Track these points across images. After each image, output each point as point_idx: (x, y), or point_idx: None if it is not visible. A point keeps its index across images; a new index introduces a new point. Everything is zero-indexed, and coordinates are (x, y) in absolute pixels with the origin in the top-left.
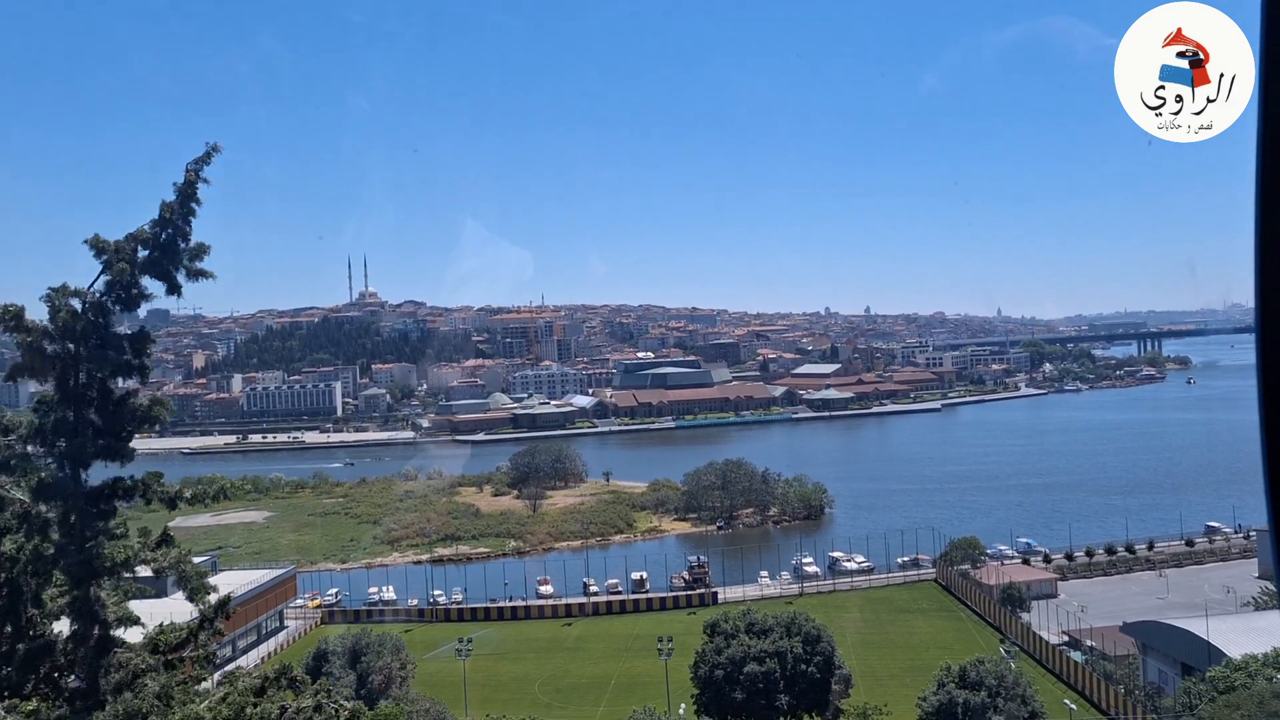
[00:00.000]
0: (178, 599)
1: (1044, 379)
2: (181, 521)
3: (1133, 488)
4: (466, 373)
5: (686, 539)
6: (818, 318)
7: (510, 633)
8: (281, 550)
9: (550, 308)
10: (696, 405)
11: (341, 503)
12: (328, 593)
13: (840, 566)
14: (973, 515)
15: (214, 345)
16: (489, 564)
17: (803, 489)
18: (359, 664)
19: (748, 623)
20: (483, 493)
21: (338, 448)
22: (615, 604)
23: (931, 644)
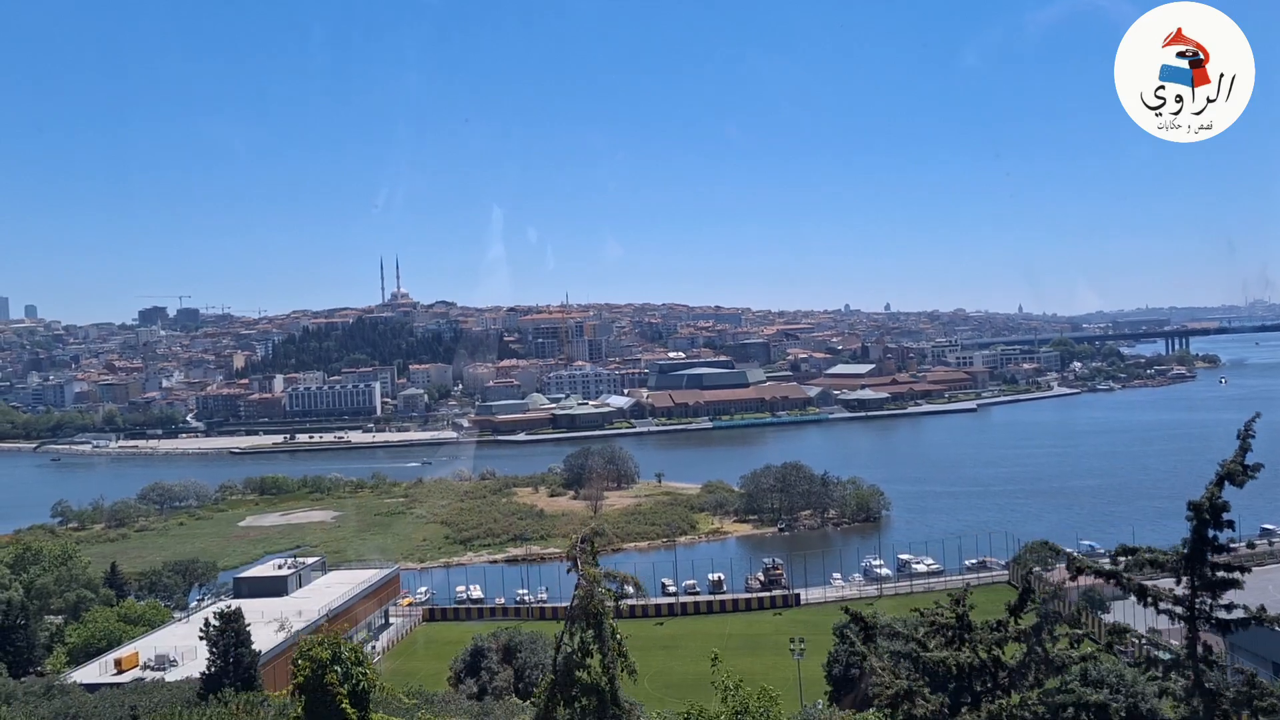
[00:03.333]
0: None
1: (1075, 378)
2: (253, 520)
3: (1180, 491)
4: (501, 373)
5: (747, 540)
6: (840, 315)
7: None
8: (358, 550)
9: (577, 307)
10: (733, 406)
11: (403, 502)
12: (418, 591)
13: (910, 568)
14: (1024, 519)
15: (253, 346)
16: (559, 564)
17: (860, 491)
18: (514, 660)
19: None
20: (538, 493)
21: (381, 447)
22: (702, 605)
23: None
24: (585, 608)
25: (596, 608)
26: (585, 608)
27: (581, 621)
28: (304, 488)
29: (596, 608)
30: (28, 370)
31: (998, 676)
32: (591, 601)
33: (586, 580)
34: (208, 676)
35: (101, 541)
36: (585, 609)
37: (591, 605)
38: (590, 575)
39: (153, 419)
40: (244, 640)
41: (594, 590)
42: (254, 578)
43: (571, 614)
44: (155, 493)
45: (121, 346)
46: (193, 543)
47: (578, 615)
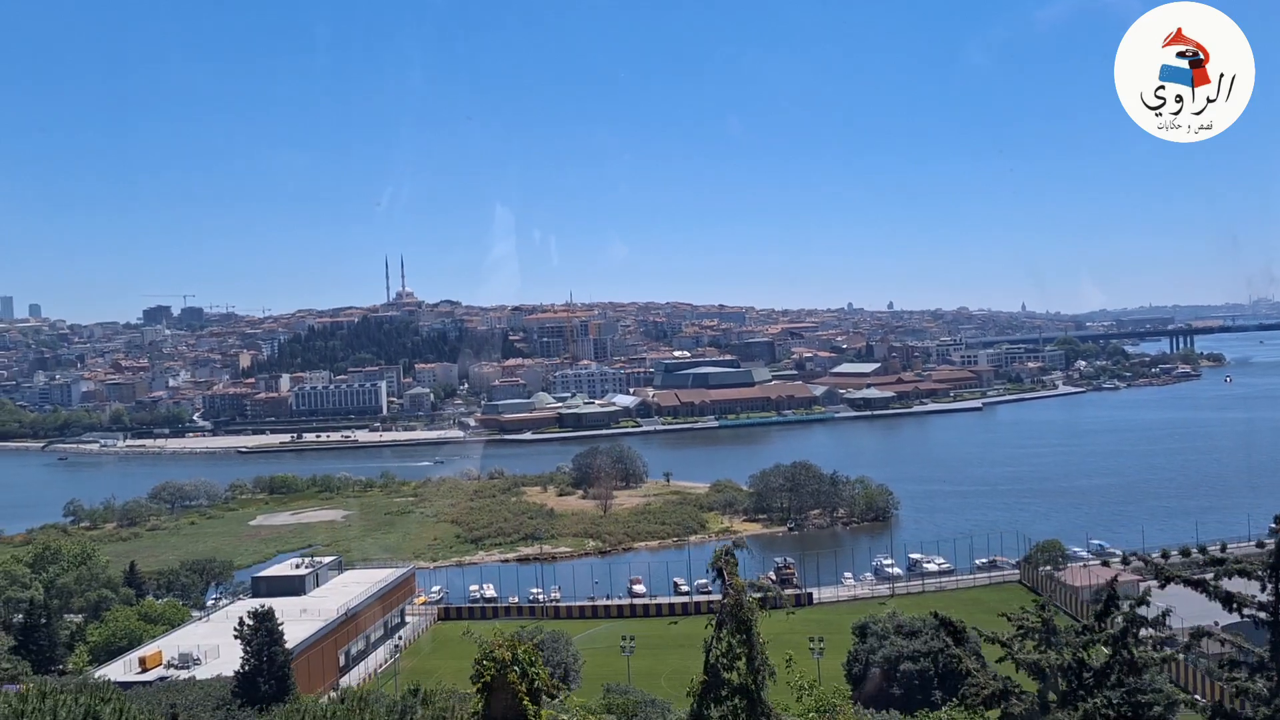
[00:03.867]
0: (315, 596)
1: (1080, 377)
2: (264, 519)
3: (1189, 490)
4: (506, 372)
5: (757, 540)
6: (844, 314)
7: (619, 630)
8: (369, 549)
9: (581, 305)
10: (739, 405)
11: (412, 501)
12: (431, 590)
13: (921, 568)
14: (1033, 519)
15: (258, 345)
16: (572, 563)
17: (869, 491)
18: None
19: (895, 624)
20: (547, 492)
21: (388, 446)
22: (717, 604)
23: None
24: (735, 614)
25: (746, 615)
26: (735, 614)
27: (729, 626)
28: (313, 487)
29: (746, 615)
30: (33, 369)
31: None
32: (741, 610)
33: (734, 589)
34: (242, 675)
35: (114, 541)
36: (735, 615)
37: (741, 613)
38: (737, 584)
39: (159, 418)
40: (277, 639)
41: (742, 598)
42: (272, 577)
43: (720, 619)
44: (166, 492)
45: (127, 346)
46: (205, 542)
47: (726, 620)
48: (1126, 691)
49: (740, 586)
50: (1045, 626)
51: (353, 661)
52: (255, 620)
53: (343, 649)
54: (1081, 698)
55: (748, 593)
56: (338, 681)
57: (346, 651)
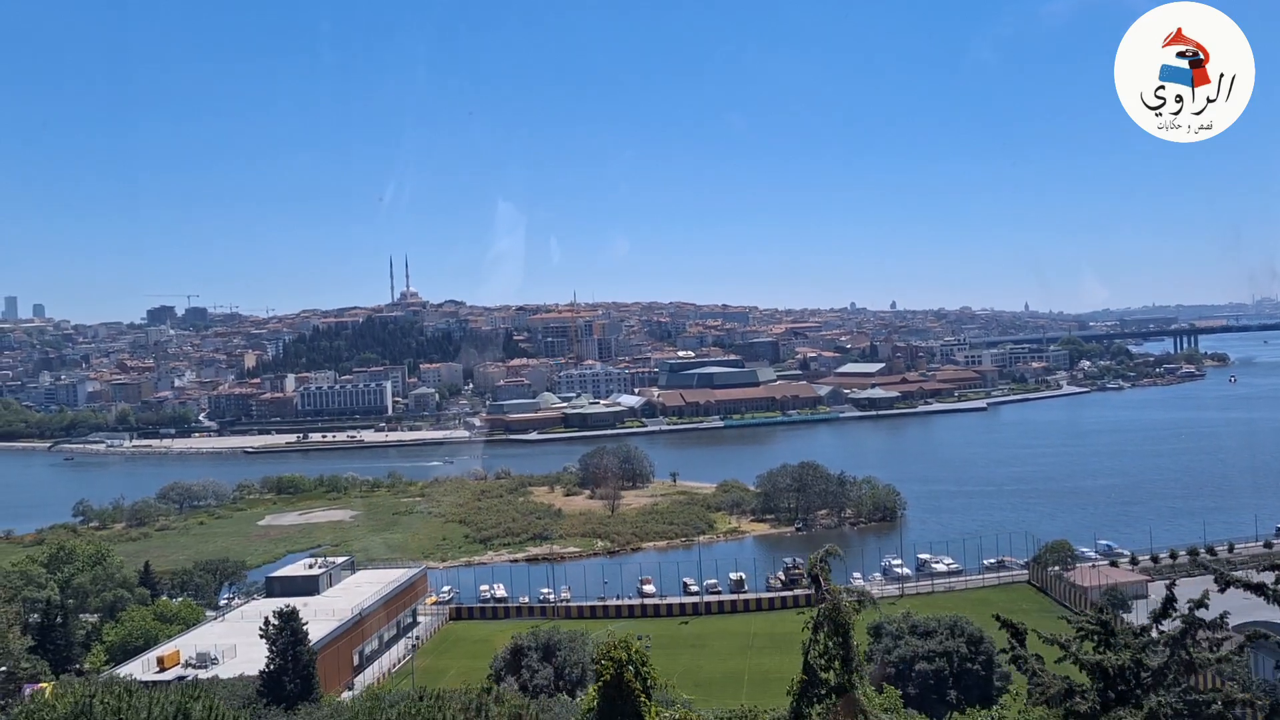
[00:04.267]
0: (329, 596)
1: (1084, 377)
2: (272, 520)
3: (1194, 490)
4: (511, 372)
5: (764, 540)
6: (847, 314)
7: (630, 629)
8: (378, 549)
9: (585, 305)
10: (743, 405)
11: (419, 501)
12: (441, 590)
13: (929, 568)
14: (1039, 519)
15: (263, 345)
16: (580, 563)
17: (876, 491)
18: (554, 658)
19: (910, 625)
20: (554, 492)
21: (393, 446)
22: (725, 604)
23: (1037, 644)
24: (833, 618)
25: (844, 619)
26: (833, 618)
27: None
28: (320, 487)
29: (844, 619)
30: (38, 369)
31: (1140, 677)
32: (839, 613)
33: (830, 593)
34: (268, 674)
35: (124, 541)
36: (832, 618)
37: (839, 616)
38: (833, 589)
39: (165, 418)
40: (301, 639)
41: (840, 602)
42: (286, 577)
43: (818, 622)
44: (175, 492)
45: (131, 346)
46: (214, 542)
47: (824, 623)
48: (1183, 691)
49: (836, 591)
50: (1104, 628)
51: (366, 661)
52: (280, 620)
53: (357, 648)
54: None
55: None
56: (352, 681)
57: (361, 651)
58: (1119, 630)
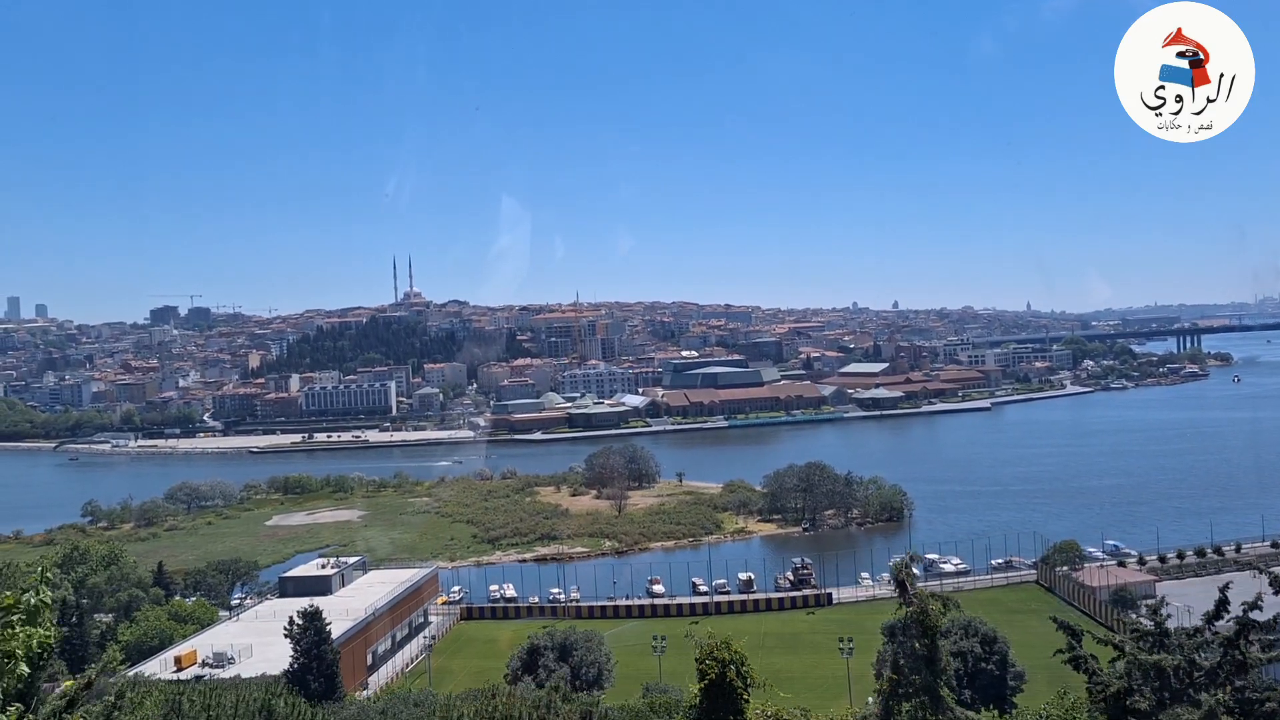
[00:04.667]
0: (342, 596)
1: (1088, 376)
2: (280, 520)
3: (1200, 490)
4: (515, 372)
5: (771, 540)
6: (849, 313)
7: (641, 629)
8: (386, 550)
9: (587, 305)
10: (747, 405)
11: (426, 501)
12: (451, 590)
13: (938, 568)
14: (1046, 519)
15: (267, 345)
16: (588, 563)
17: (883, 491)
18: (570, 658)
19: None
20: (560, 492)
21: (398, 446)
22: (735, 604)
23: (1051, 644)
24: (921, 621)
25: (931, 622)
26: (921, 621)
27: (914, 630)
28: (327, 487)
29: (931, 622)
30: (42, 369)
31: (1193, 676)
32: (927, 617)
33: (918, 598)
34: (292, 673)
35: (133, 541)
36: (920, 622)
37: (927, 620)
38: (920, 594)
39: (170, 418)
40: (325, 638)
41: (927, 607)
42: (299, 577)
43: (906, 625)
44: (183, 492)
45: (135, 346)
46: (223, 542)
47: (911, 626)
48: (1235, 689)
49: (923, 596)
50: (1159, 629)
51: (380, 660)
52: (304, 619)
53: (371, 648)
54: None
55: (931, 602)
56: (366, 680)
57: (374, 650)
58: (1173, 631)
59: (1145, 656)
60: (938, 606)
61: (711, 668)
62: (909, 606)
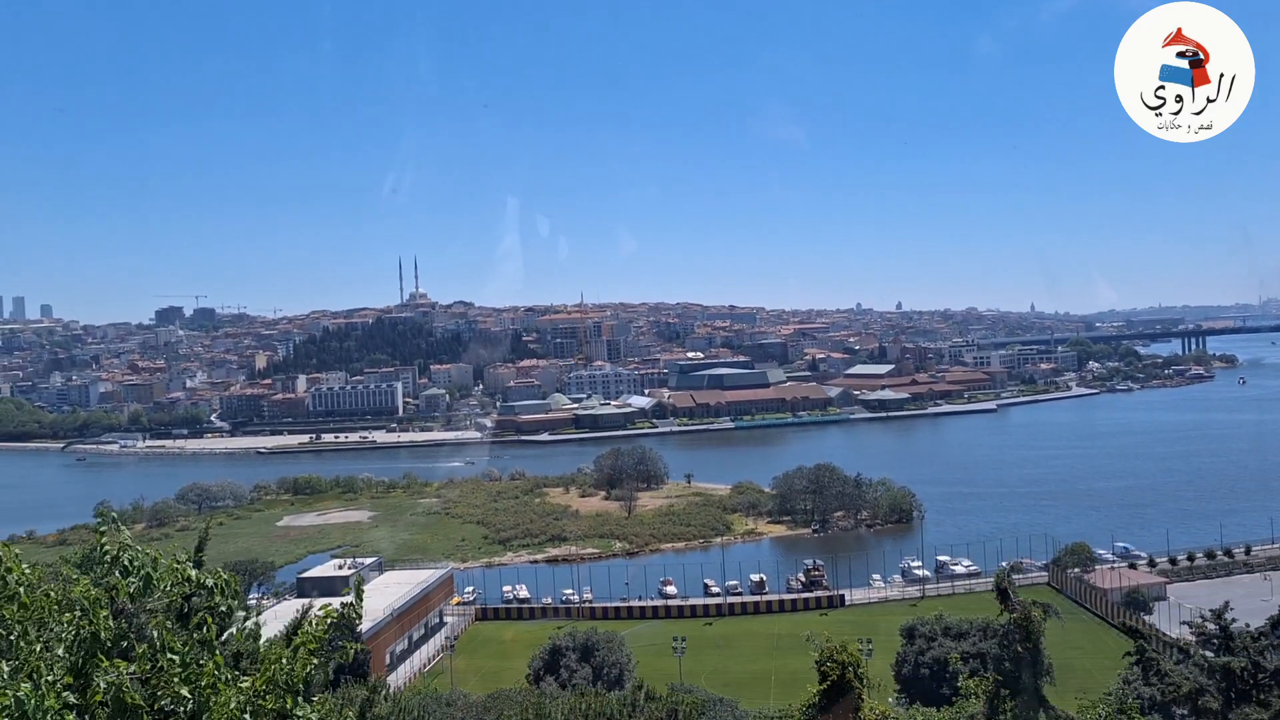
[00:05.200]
0: None
1: (1093, 378)
2: (290, 520)
3: (1207, 492)
4: (521, 373)
5: (781, 541)
6: (853, 315)
7: (655, 630)
8: (398, 550)
9: (592, 306)
10: (753, 406)
11: (435, 502)
12: (464, 591)
13: (949, 570)
14: (1054, 521)
15: (273, 346)
16: (598, 564)
17: (892, 493)
18: (592, 658)
19: (943, 626)
20: (569, 493)
21: (405, 447)
22: (748, 605)
23: (1065, 645)
24: (1024, 626)
25: (1035, 629)
26: (1024, 626)
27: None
28: (336, 488)
29: (1035, 629)
30: (49, 370)
31: (1258, 678)
32: (1030, 623)
33: (1021, 605)
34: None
35: (145, 541)
36: (1024, 627)
37: (1030, 626)
38: (1024, 602)
39: (178, 419)
40: (358, 638)
41: (1030, 613)
42: (317, 577)
43: (1009, 631)
44: (194, 493)
45: (141, 346)
46: (235, 543)
47: (1014, 631)
48: None
49: (1027, 603)
50: (1224, 633)
51: (397, 660)
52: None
53: (389, 648)
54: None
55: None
56: (385, 680)
57: (392, 651)
58: (1237, 634)
59: (1214, 659)
60: (1039, 614)
61: (833, 669)
62: (1012, 613)
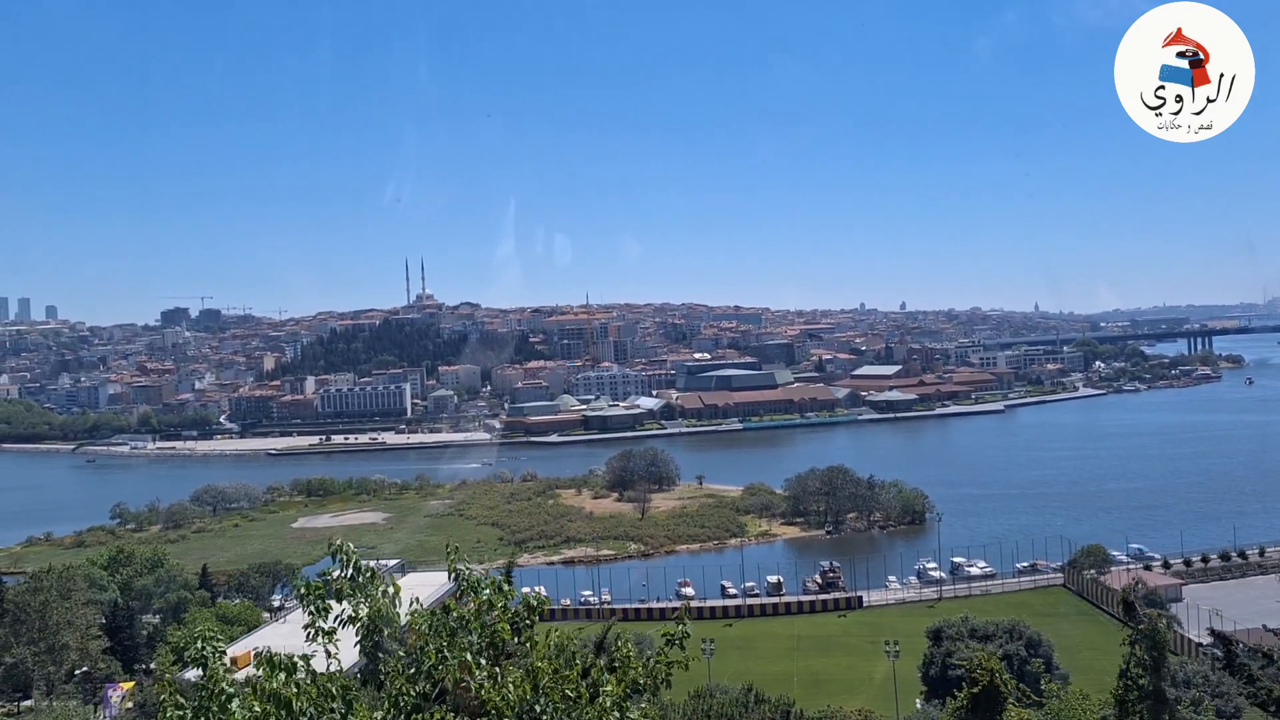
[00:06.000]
0: None
1: (1100, 379)
2: (305, 522)
3: (1218, 493)
4: (529, 374)
5: (794, 543)
6: (858, 315)
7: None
8: (413, 552)
9: (598, 307)
10: (761, 407)
11: (448, 504)
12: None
13: (963, 571)
14: (1066, 522)
15: (281, 347)
16: (616, 566)
17: (904, 494)
18: None
19: (969, 628)
20: (581, 495)
21: (415, 449)
22: (767, 606)
23: (1083, 646)
24: (1152, 637)
25: (1161, 639)
26: (1152, 637)
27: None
28: (350, 489)
29: (1161, 639)
30: (56, 371)
31: None
32: (1157, 633)
33: (1148, 617)
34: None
35: (161, 543)
36: (1152, 638)
37: (1157, 636)
38: (1150, 614)
39: (187, 420)
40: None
41: (1157, 624)
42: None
43: (1135, 639)
44: (208, 495)
45: (148, 348)
46: (251, 544)
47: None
48: None
49: (1154, 615)
50: None
51: None
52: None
53: None
54: None
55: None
56: None
57: None
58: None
59: None
60: (1164, 625)
61: (983, 676)
62: (1140, 625)
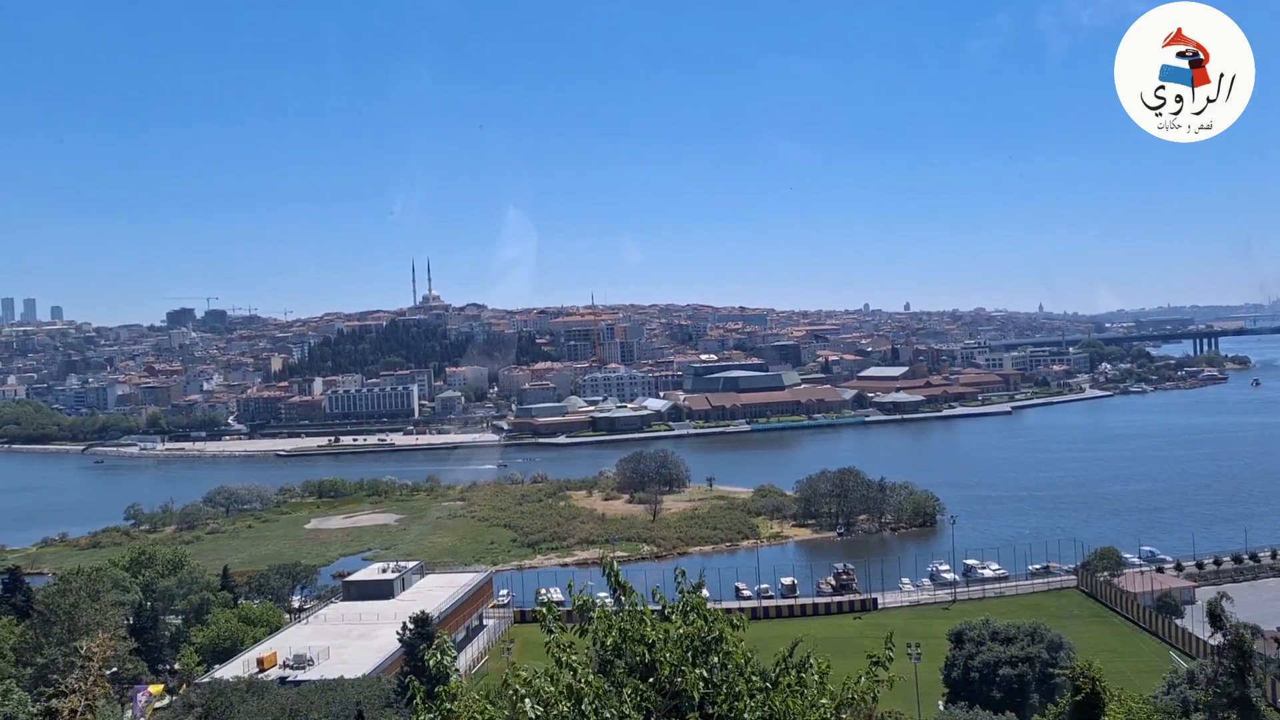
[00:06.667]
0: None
1: (1106, 380)
2: (318, 523)
3: (1228, 495)
4: (536, 375)
5: (806, 545)
6: (863, 315)
7: None
8: (427, 553)
9: (604, 308)
10: (769, 409)
11: (461, 505)
12: (499, 594)
13: (976, 573)
14: (1076, 524)
15: (288, 348)
16: (629, 567)
17: (915, 497)
18: None
19: (991, 631)
20: (592, 496)
21: (423, 450)
22: (782, 608)
23: (1098, 648)
24: (1238, 646)
25: (1248, 648)
26: (1238, 646)
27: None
28: (361, 490)
29: (1248, 648)
30: (64, 372)
31: None
32: (1244, 643)
33: (1233, 629)
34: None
35: (176, 544)
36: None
37: (1245, 646)
38: (1234, 626)
39: (195, 421)
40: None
41: (1243, 635)
42: (362, 581)
43: (1223, 648)
44: (221, 496)
45: (155, 349)
46: (265, 545)
47: (1228, 650)
48: None
49: (1239, 626)
50: None
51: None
52: (416, 625)
53: None
54: None
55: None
56: None
57: None
58: None
59: None
60: (1248, 634)
61: (1086, 684)
62: (1226, 636)
